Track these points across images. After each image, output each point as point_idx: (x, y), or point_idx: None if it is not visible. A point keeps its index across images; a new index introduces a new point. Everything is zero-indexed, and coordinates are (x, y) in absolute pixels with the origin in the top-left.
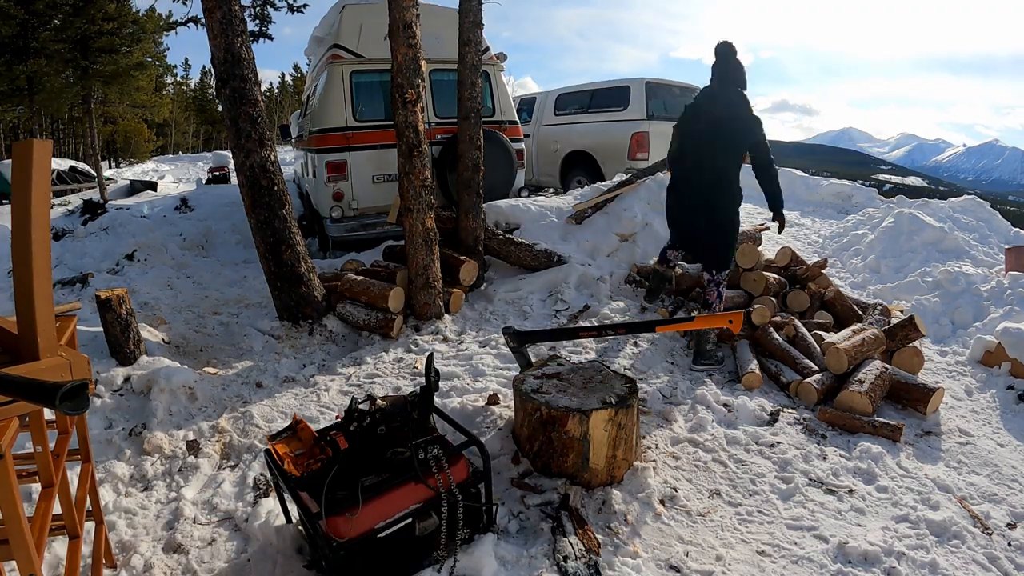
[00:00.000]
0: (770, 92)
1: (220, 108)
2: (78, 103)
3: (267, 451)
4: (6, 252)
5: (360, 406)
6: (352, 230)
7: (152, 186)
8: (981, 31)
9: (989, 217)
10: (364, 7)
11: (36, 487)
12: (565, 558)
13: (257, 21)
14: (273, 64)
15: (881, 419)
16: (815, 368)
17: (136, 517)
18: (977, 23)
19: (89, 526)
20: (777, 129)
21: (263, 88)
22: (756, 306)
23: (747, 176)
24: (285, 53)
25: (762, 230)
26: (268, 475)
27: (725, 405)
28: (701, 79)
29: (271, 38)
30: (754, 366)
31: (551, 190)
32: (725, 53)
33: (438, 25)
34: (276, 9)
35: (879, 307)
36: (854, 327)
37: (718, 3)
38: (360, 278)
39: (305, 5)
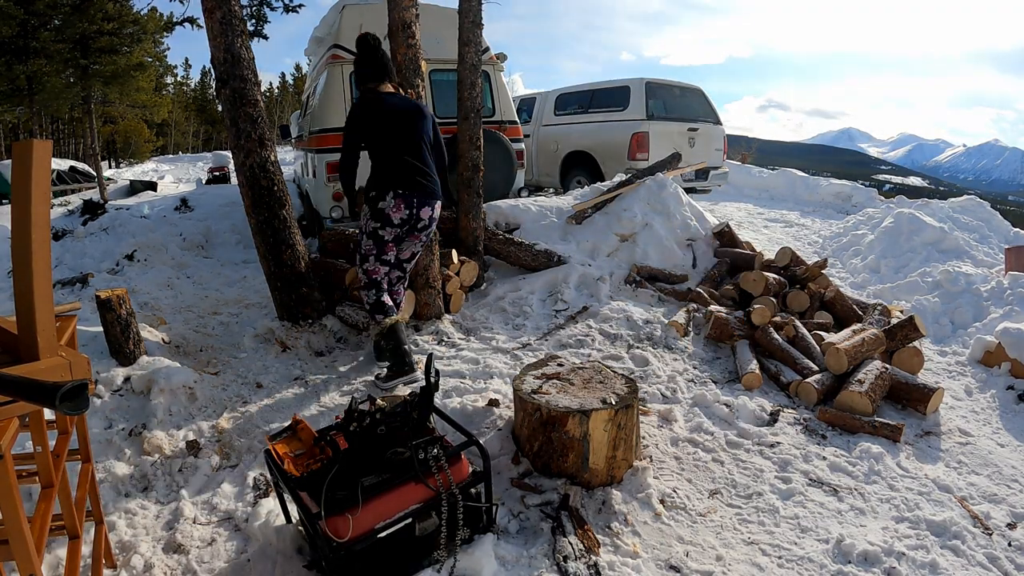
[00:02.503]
0: (743, 93)
1: (220, 108)
2: (78, 103)
3: (267, 451)
4: (6, 252)
5: (360, 406)
6: None
7: (152, 186)
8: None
9: (989, 217)
10: (364, 7)
11: (36, 487)
12: (565, 558)
13: (253, 21)
14: (271, 68)
15: (881, 419)
16: (815, 368)
17: (136, 517)
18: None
19: (89, 526)
20: (767, 129)
21: (263, 88)
22: (756, 306)
23: (745, 176)
24: (280, 56)
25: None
26: (268, 475)
27: (725, 405)
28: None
29: (266, 37)
30: (754, 366)
31: (551, 190)
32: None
33: (438, 25)
34: (272, 9)
35: (879, 307)
36: (854, 327)
37: (626, 13)
38: None
39: (300, 5)
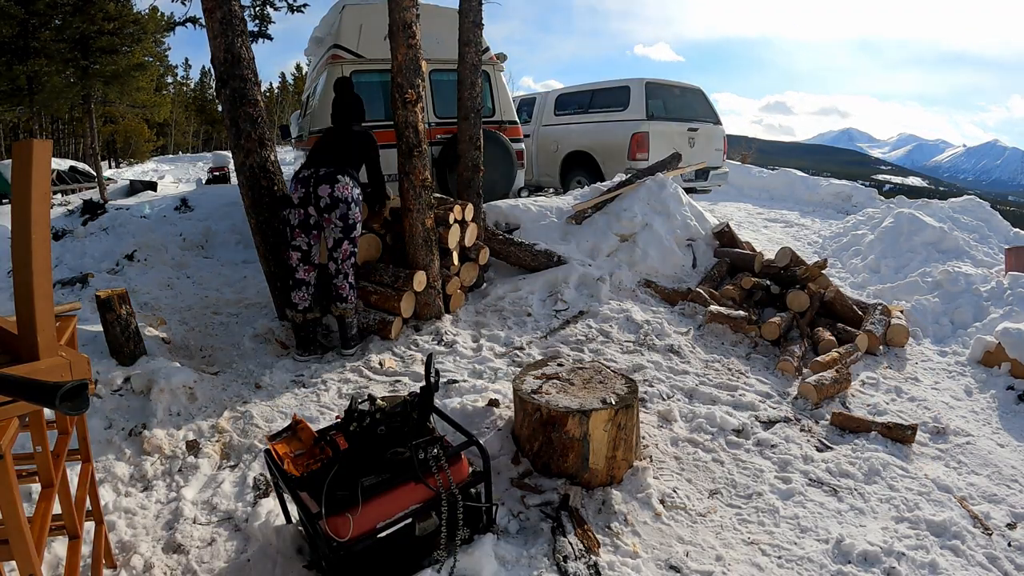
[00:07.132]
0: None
1: (220, 108)
2: (78, 103)
3: (267, 451)
4: (6, 252)
5: (360, 406)
6: None
7: (152, 186)
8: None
9: (989, 217)
10: (364, 7)
11: (36, 487)
12: (565, 558)
13: (256, 21)
14: (270, 69)
15: (893, 421)
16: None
17: (136, 517)
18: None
19: (89, 526)
20: (761, 131)
21: (263, 88)
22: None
23: (745, 176)
24: (280, 56)
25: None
26: (268, 475)
27: (726, 405)
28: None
29: (270, 38)
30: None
31: (551, 190)
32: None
33: (438, 26)
34: (276, 9)
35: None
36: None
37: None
38: (372, 285)
39: (305, 5)
